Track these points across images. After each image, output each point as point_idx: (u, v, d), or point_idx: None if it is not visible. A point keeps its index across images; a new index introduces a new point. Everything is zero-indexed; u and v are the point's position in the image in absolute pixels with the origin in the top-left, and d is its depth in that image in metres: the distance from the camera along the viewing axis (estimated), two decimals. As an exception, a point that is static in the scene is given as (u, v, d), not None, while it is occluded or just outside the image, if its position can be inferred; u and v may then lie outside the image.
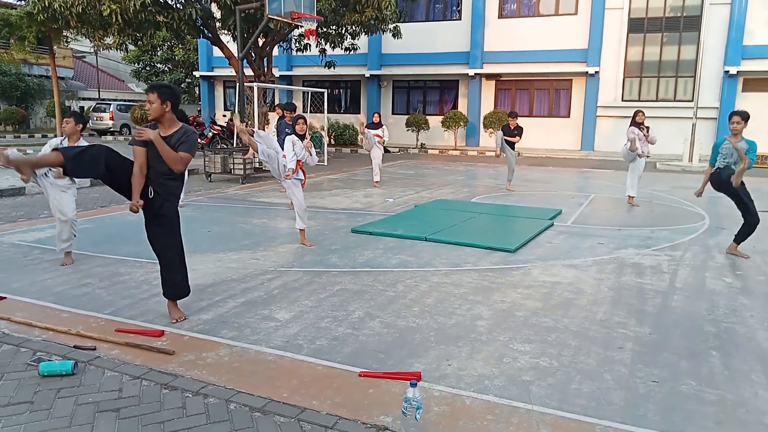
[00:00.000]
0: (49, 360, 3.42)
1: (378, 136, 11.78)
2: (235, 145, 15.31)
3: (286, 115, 9.64)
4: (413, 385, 2.59)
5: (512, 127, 11.16)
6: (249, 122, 14.54)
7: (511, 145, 11.17)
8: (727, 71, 19.71)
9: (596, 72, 21.42)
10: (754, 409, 3.01)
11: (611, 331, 4.05)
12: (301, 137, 6.45)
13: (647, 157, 9.83)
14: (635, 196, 9.86)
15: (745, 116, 6.03)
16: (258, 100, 15.82)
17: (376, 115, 12.33)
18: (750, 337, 4.02)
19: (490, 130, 21.73)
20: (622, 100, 21.63)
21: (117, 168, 3.85)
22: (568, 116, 22.65)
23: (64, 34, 22.39)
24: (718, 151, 6.27)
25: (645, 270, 5.70)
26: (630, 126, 9.64)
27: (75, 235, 5.71)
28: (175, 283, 4.18)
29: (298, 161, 6.42)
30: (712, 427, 2.84)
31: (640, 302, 4.71)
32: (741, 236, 6.27)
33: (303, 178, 6.59)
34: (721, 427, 2.84)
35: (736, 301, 4.80)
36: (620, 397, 3.11)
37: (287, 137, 6.51)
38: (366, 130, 11.57)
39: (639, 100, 21.45)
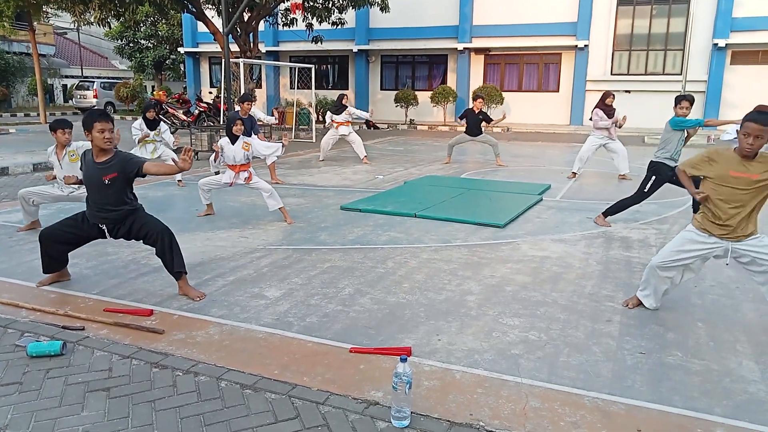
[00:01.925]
0: (37, 341, 3.40)
1: (336, 122, 11.36)
2: (221, 123, 15.13)
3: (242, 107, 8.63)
4: (403, 360, 2.61)
5: (476, 111, 11.05)
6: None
7: (480, 130, 11.02)
8: (716, 44, 19.67)
9: (585, 46, 21.31)
10: (739, 379, 3.06)
11: (599, 305, 4.09)
12: (235, 138, 6.29)
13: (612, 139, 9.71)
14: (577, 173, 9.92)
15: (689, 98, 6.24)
16: (244, 76, 15.58)
17: (345, 97, 11.59)
18: (735, 308, 4.08)
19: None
20: (612, 74, 21.58)
21: (68, 236, 4.25)
22: (558, 91, 22.59)
23: (44, 9, 21.81)
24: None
25: (633, 243, 5.75)
26: (595, 107, 9.51)
27: None
28: (179, 252, 4.20)
29: (239, 165, 6.37)
30: (698, 396, 2.88)
31: (628, 275, 4.76)
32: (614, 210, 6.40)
33: (247, 175, 6.48)
34: (706, 396, 2.89)
35: (721, 273, 4.85)
36: (608, 369, 3.15)
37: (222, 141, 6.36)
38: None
39: (628, 74, 21.42)
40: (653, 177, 6.21)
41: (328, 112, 11.63)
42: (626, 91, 20.73)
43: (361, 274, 4.72)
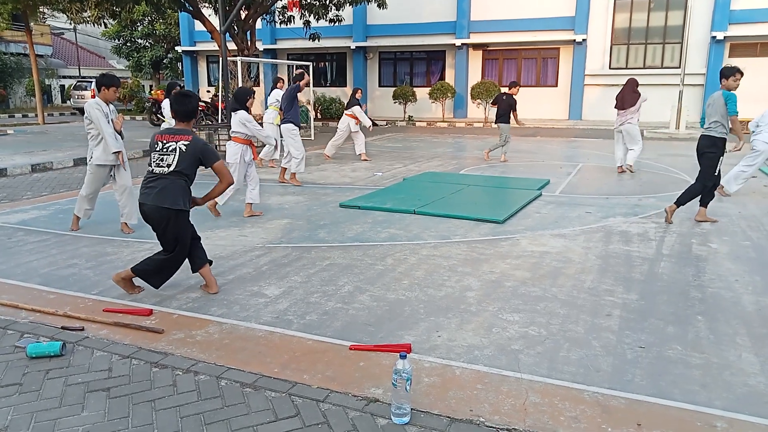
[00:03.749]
0: (36, 341, 3.39)
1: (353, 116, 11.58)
2: (220, 121, 15.11)
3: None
4: (403, 357, 2.60)
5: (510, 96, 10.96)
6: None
7: (508, 118, 11.00)
8: (714, 36, 19.64)
9: (584, 40, 21.27)
10: (739, 372, 3.06)
11: (599, 299, 4.09)
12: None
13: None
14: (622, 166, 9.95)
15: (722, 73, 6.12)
16: (242, 74, 15.55)
17: (359, 91, 11.91)
18: (735, 301, 4.07)
19: (478, 101, 21.60)
20: (610, 68, 21.56)
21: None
22: (556, 85, 22.56)
23: (41, 9, 21.77)
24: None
25: (632, 238, 5.74)
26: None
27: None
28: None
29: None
30: (698, 390, 2.88)
31: (628, 269, 4.75)
32: (686, 199, 6.31)
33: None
34: (706, 389, 2.89)
35: (721, 266, 4.85)
36: (608, 364, 3.15)
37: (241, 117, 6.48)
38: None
39: (626, 68, 21.38)
40: (721, 156, 6.13)
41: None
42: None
43: (361, 271, 4.72)
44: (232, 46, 17.11)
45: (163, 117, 17.07)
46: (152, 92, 20.59)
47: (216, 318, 3.79)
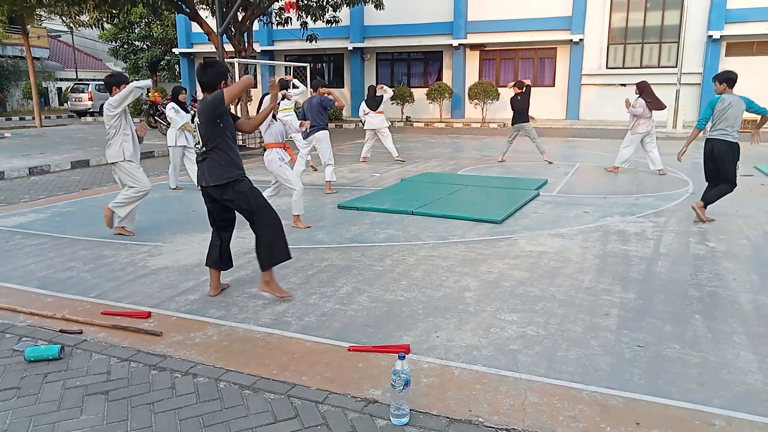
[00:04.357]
0: (35, 345, 3.39)
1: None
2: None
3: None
4: (402, 358, 2.61)
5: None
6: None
7: (525, 117, 10.84)
8: (711, 36, 19.69)
9: (580, 39, 21.31)
10: (736, 370, 3.07)
11: (597, 298, 4.10)
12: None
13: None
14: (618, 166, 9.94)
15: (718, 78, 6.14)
16: (239, 76, 15.54)
17: (376, 88, 11.60)
18: (733, 300, 4.08)
19: (475, 101, 21.61)
20: (607, 68, 21.60)
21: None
22: (553, 85, 22.59)
23: (37, 12, 21.73)
24: (712, 112, 6.19)
25: (630, 237, 5.75)
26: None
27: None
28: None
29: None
30: (696, 388, 2.89)
31: (626, 269, 4.76)
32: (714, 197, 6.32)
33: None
34: (704, 388, 2.89)
35: (719, 264, 4.86)
36: (606, 363, 3.15)
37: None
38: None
39: (623, 67, 21.44)
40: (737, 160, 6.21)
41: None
42: (621, 85, 20.74)
43: (359, 272, 4.72)
44: (229, 47, 17.09)
45: (162, 121, 16.92)
46: (150, 94, 20.52)
47: (214, 320, 3.79)
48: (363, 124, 11.61)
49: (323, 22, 18.75)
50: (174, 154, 8.50)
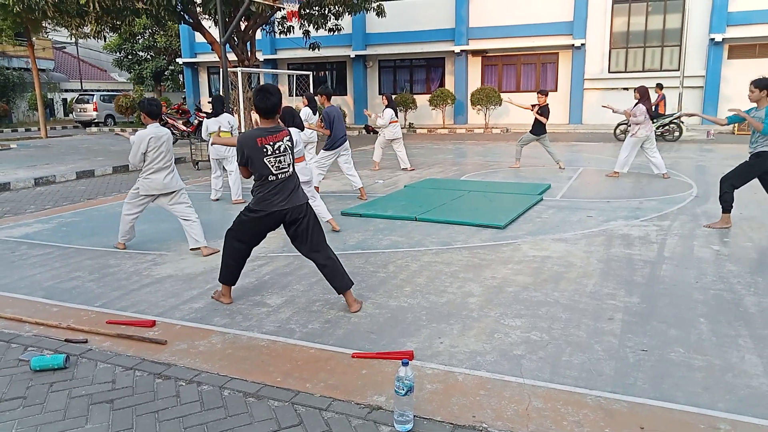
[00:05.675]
0: (40, 354, 3.41)
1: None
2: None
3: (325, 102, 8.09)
4: (405, 364, 2.61)
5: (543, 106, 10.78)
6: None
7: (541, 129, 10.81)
8: (713, 39, 19.67)
9: (582, 44, 21.34)
10: (741, 373, 3.06)
11: (601, 303, 4.09)
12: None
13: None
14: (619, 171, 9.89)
15: (758, 84, 5.89)
16: (243, 85, 15.64)
17: (385, 96, 11.39)
18: (737, 303, 4.07)
19: (478, 107, 21.64)
20: (609, 72, 21.60)
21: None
22: (556, 90, 22.59)
23: (43, 24, 21.92)
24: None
25: (634, 241, 5.74)
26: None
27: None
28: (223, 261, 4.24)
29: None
30: (701, 392, 2.88)
31: (630, 273, 4.75)
32: None
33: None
34: (709, 392, 2.88)
35: (723, 268, 4.85)
36: (610, 367, 3.15)
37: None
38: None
39: (625, 71, 21.44)
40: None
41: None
42: (624, 89, 20.74)
43: (363, 278, 4.73)
44: (232, 56, 17.21)
45: (176, 132, 16.98)
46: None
47: (218, 328, 3.80)
48: (382, 132, 11.36)
49: (325, 30, 18.86)
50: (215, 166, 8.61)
